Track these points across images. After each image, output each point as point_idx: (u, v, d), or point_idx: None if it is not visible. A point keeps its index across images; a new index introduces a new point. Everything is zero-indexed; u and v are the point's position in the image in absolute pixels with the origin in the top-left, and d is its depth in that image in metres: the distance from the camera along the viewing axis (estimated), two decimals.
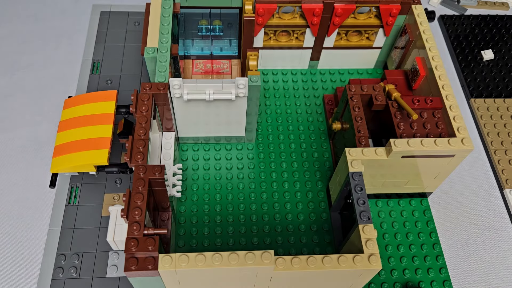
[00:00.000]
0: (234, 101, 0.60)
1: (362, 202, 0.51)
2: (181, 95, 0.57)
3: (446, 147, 0.54)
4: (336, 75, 0.79)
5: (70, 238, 0.61)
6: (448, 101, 0.59)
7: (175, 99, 0.59)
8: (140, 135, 0.51)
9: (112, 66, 0.78)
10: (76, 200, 0.64)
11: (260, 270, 0.46)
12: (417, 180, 0.62)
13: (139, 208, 0.47)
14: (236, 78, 0.57)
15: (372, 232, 0.49)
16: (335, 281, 0.50)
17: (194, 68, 0.78)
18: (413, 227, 0.64)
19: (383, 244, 0.62)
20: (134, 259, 0.45)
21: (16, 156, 0.69)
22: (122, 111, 0.59)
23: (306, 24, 0.71)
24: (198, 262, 0.45)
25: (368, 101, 0.62)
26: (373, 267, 0.47)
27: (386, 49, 0.77)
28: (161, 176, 0.49)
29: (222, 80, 0.58)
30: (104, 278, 0.58)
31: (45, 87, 0.76)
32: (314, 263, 0.47)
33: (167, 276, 0.46)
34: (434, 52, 0.63)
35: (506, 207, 0.68)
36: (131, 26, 0.84)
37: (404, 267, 0.61)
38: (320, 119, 0.74)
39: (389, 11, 0.70)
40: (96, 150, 0.52)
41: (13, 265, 0.60)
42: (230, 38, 0.77)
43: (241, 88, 0.58)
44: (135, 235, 0.45)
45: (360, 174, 0.53)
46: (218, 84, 0.57)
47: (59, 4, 0.88)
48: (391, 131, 0.60)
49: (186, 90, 0.58)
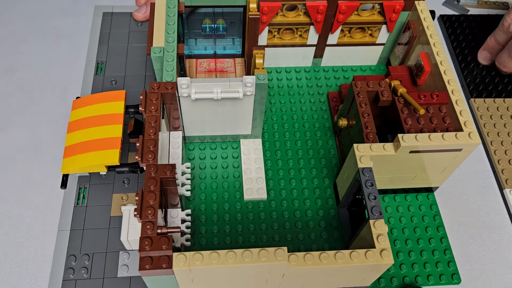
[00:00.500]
0: (242, 99, 0.60)
1: (373, 197, 0.51)
2: (189, 94, 0.58)
3: (453, 141, 0.55)
4: (339, 72, 0.80)
5: (80, 239, 0.61)
6: (454, 96, 0.59)
7: (183, 99, 0.59)
8: (150, 134, 0.51)
9: (116, 67, 0.78)
10: (84, 201, 0.64)
11: (273, 267, 0.46)
12: (424, 175, 0.62)
13: (152, 207, 0.47)
14: (243, 76, 0.57)
15: (383, 227, 0.50)
16: (346, 276, 0.51)
17: (198, 67, 0.78)
18: (421, 221, 0.65)
19: (392, 239, 0.63)
20: (148, 258, 0.45)
21: (16, 156, 0.69)
22: (130, 111, 0.59)
23: (310, 22, 0.71)
24: (212, 260, 0.45)
25: (374, 97, 0.62)
26: (385, 261, 0.47)
27: (389, 45, 0.77)
28: (172, 175, 0.50)
29: (230, 79, 0.58)
30: (115, 278, 0.58)
31: (45, 87, 0.76)
32: (326, 258, 0.47)
33: (181, 274, 0.46)
34: (439, 48, 0.64)
35: (506, 207, 0.69)
36: (133, 26, 0.84)
37: (412, 261, 0.61)
38: (325, 116, 0.74)
39: (393, 8, 0.70)
40: (107, 150, 0.52)
41: (13, 265, 0.60)
42: (233, 37, 0.77)
43: (249, 87, 0.58)
44: (149, 234, 0.45)
45: (370, 170, 0.53)
46: (225, 83, 0.58)
47: (58, 4, 0.88)
48: (397, 126, 0.60)
49: (193, 89, 0.58)
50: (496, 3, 0.94)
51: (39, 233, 0.62)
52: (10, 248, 0.61)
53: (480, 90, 0.79)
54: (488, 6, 0.93)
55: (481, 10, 0.93)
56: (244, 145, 0.69)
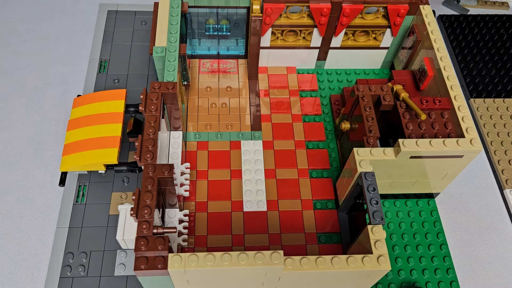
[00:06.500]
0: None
1: (375, 202, 0.51)
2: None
3: (454, 148, 0.54)
4: (342, 75, 0.79)
5: (78, 236, 0.61)
6: (457, 102, 0.59)
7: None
8: (150, 134, 0.51)
9: (119, 65, 0.78)
10: (83, 199, 0.64)
11: (269, 270, 0.46)
12: (425, 180, 0.62)
13: (148, 207, 0.47)
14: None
15: (381, 233, 0.49)
16: (343, 282, 0.50)
17: (201, 67, 0.78)
18: (420, 227, 0.64)
19: (390, 245, 0.62)
20: (144, 258, 0.45)
21: (16, 156, 0.69)
22: (130, 110, 0.59)
23: (313, 24, 0.71)
24: (208, 261, 0.45)
25: (376, 101, 0.61)
26: (382, 268, 0.47)
27: (393, 49, 0.77)
28: (170, 175, 0.49)
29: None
30: (112, 276, 0.58)
31: (45, 87, 0.76)
32: (323, 263, 0.47)
33: (176, 275, 0.46)
34: (443, 53, 0.63)
35: (506, 207, 0.68)
36: (138, 25, 0.84)
37: (411, 267, 0.61)
38: (327, 119, 0.74)
39: (397, 12, 0.69)
40: (106, 149, 0.52)
41: (13, 264, 0.60)
42: (237, 38, 0.77)
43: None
44: (145, 233, 0.45)
45: (373, 174, 0.53)
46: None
47: (59, 4, 0.88)
48: (399, 131, 0.60)
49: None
50: (496, 3, 0.93)
51: (38, 231, 0.62)
52: (9, 247, 0.61)
53: (480, 90, 0.79)
54: (488, 6, 0.93)
55: (481, 10, 0.93)
56: (244, 146, 0.69)
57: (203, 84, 0.76)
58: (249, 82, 0.76)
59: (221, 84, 0.76)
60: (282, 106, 0.74)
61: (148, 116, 0.53)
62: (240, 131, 0.70)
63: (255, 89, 0.76)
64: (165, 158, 0.59)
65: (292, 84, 0.77)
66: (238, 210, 0.63)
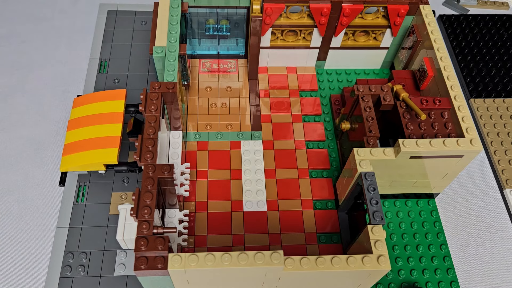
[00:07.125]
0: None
1: (375, 202, 0.51)
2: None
3: (454, 148, 0.54)
4: (342, 75, 0.79)
5: (78, 236, 0.61)
6: (457, 102, 0.59)
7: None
8: (150, 134, 0.51)
9: (119, 65, 0.78)
10: (83, 199, 0.64)
11: (269, 270, 0.46)
12: (425, 180, 0.62)
13: (148, 207, 0.47)
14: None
15: (381, 233, 0.49)
16: (343, 282, 0.50)
17: (201, 67, 0.78)
18: (420, 227, 0.64)
19: (390, 245, 0.62)
20: (143, 258, 0.45)
21: (16, 156, 0.69)
22: (131, 110, 0.59)
23: (313, 24, 0.71)
24: (208, 261, 0.45)
25: (376, 101, 0.61)
26: (382, 268, 0.47)
27: (393, 49, 0.77)
28: (170, 175, 0.49)
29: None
30: (112, 276, 0.58)
31: (45, 87, 0.76)
32: (323, 263, 0.47)
33: (176, 275, 0.46)
34: (443, 53, 0.63)
35: (506, 207, 0.68)
36: (138, 25, 0.84)
37: (411, 267, 0.61)
38: (327, 119, 0.74)
39: (397, 12, 0.69)
40: (106, 149, 0.52)
41: (13, 264, 0.60)
42: (237, 38, 0.77)
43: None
44: (145, 233, 0.45)
45: (373, 174, 0.53)
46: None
47: (59, 4, 0.88)
48: (399, 131, 0.60)
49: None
50: (496, 3, 0.93)
51: (39, 231, 0.62)
52: (9, 247, 0.61)
53: (479, 90, 0.79)
54: (488, 6, 0.93)
55: (481, 10, 0.93)
56: (244, 146, 0.69)
57: (203, 84, 0.76)
58: (249, 82, 0.77)
59: (221, 84, 0.76)
60: (282, 106, 0.74)
61: (148, 116, 0.53)
62: (240, 131, 0.70)
63: (255, 89, 0.76)
64: (165, 158, 0.59)
65: (292, 84, 0.77)
66: (238, 210, 0.63)
